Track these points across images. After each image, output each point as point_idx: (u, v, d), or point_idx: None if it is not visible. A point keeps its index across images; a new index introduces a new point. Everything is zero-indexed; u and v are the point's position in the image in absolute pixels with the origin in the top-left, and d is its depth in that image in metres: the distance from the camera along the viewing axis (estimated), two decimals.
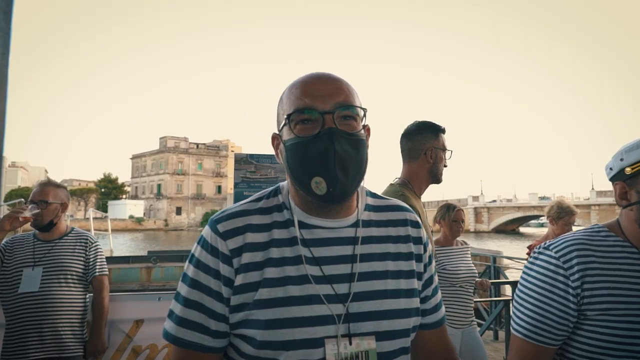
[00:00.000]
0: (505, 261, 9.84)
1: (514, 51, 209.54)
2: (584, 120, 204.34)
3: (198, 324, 0.88)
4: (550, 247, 1.16)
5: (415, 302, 0.96)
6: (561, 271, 1.11)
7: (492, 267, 8.36)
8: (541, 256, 1.17)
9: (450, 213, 3.40)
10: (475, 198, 69.02)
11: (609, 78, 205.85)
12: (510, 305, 4.42)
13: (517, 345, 1.17)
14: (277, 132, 0.96)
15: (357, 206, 0.97)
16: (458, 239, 3.47)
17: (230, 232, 0.89)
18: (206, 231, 0.92)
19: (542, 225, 74.20)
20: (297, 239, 0.90)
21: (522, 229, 70.12)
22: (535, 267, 1.17)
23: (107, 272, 2.73)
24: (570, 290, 1.09)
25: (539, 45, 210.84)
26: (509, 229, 65.81)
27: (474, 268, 3.45)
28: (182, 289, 0.91)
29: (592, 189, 58.16)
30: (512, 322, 1.20)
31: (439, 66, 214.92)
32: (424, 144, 2.02)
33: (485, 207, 66.62)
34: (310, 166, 0.86)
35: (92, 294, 2.69)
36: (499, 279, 7.89)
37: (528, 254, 3.66)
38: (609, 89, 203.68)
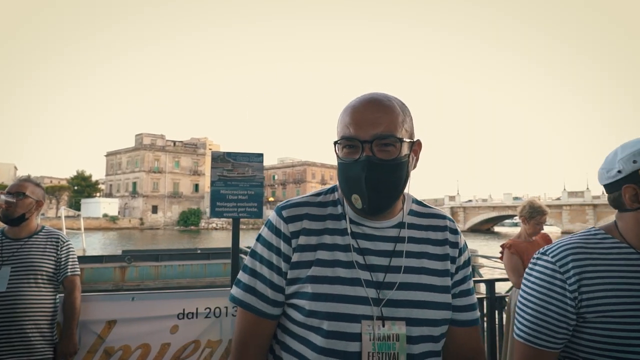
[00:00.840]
0: (480, 260, 10.01)
1: (499, 50, 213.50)
2: (559, 123, 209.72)
3: (260, 293, 1.06)
4: (547, 252, 1.17)
5: (446, 298, 1.08)
6: (558, 275, 1.12)
7: None
8: (539, 262, 1.18)
9: None
10: (452, 198, 70.10)
11: (595, 79, 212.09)
12: (484, 303, 4.50)
13: (519, 351, 1.19)
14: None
15: (402, 209, 1.12)
16: None
17: (292, 217, 1.07)
18: (272, 215, 1.10)
19: (516, 224, 75.81)
20: (347, 231, 1.06)
21: (496, 228, 71.55)
22: (533, 273, 1.19)
23: (79, 272, 2.67)
24: (568, 294, 1.11)
25: (531, 43, 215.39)
26: (484, 228, 67.08)
27: None
28: (249, 261, 1.10)
29: (564, 189, 59.72)
30: (514, 327, 1.22)
31: (416, 63, 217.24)
32: None
33: (462, 207, 67.71)
34: (349, 185, 1.02)
35: (62, 295, 2.62)
36: (473, 277, 8.01)
37: (501, 252, 3.74)
38: (589, 93, 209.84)
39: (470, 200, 70.46)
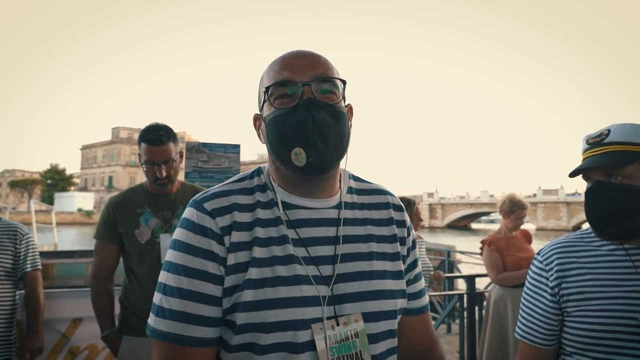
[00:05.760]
0: (459, 256, 10.10)
1: (477, 47, 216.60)
2: (534, 123, 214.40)
3: (196, 315, 0.82)
4: (540, 253, 1.25)
5: (401, 284, 0.95)
6: (544, 273, 1.20)
7: (447, 261, 8.55)
8: (534, 262, 1.26)
9: (412, 208, 3.41)
10: (430, 195, 71.01)
11: (569, 79, 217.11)
12: (464, 298, 4.48)
13: (519, 348, 1.26)
14: (258, 113, 0.95)
15: (340, 187, 0.97)
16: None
17: (218, 210, 0.85)
18: (189, 212, 0.87)
19: (492, 221, 77.31)
20: (281, 219, 0.88)
21: (473, 225, 72.74)
22: (530, 273, 1.26)
23: (41, 267, 2.50)
24: (549, 290, 1.18)
25: (510, 42, 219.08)
26: (462, 225, 68.15)
27: (429, 262, 3.48)
28: (168, 278, 0.84)
29: (539, 187, 61.08)
30: (516, 327, 1.29)
31: (398, 59, 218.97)
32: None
33: (440, 204, 68.68)
34: (289, 137, 0.84)
35: (22, 291, 2.47)
36: (452, 272, 8.07)
37: (481, 248, 3.71)
38: (555, 89, 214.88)
39: (447, 197, 71.43)
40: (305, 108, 0.83)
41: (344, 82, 0.90)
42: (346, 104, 0.93)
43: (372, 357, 0.87)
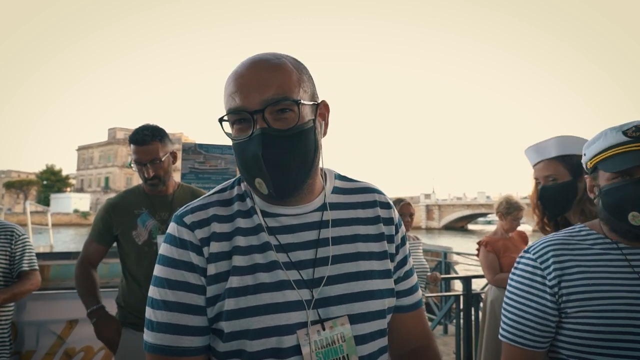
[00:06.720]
0: (455, 257, 10.11)
1: (474, 48, 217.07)
2: (532, 123, 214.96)
3: (182, 325, 0.84)
4: (530, 250, 1.18)
5: (389, 283, 0.95)
6: (538, 272, 1.12)
7: (443, 262, 8.56)
8: (522, 260, 1.18)
9: (397, 207, 3.40)
10: (427, 196, 71.21)
11: (568, 78, 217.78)
12: (461, 299, 4.49)
13: (505, 351, 1.17)
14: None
15: (324, 188, 0.96)
16: (409, 234, 3.47)
17: (197, 223, 0.87)
18: (171, 227, 0.89)
19: (489, 222, 77.48)
20: (262, 227, 0.88)
21: (470, 226, 72.89)
22: (517, 271, 1.18)
23: (37, 268, 2.49)
24: (548, 290, 1.10)
25: (512, 41, 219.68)
26: (459, 226, 68.29)
27: (426, 263, 3.48)
28: (154, 292, 0.87)
29: None
30: (500, 329, 1.20)
31: (397, 59, 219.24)
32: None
33: (437, 205, 68.82)
34: (248, 169, 0.85)
35: None
36: (449, 274, 8.08)
37: (477, 249, 3.72)
38: (554, 89, 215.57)
39: (444, 199, 71.57)
40: (256, 143, 0.82)
41: (297, 102, 0.84)
42: (319, 102, 0.91)
43: (363, 358, 0.87)
